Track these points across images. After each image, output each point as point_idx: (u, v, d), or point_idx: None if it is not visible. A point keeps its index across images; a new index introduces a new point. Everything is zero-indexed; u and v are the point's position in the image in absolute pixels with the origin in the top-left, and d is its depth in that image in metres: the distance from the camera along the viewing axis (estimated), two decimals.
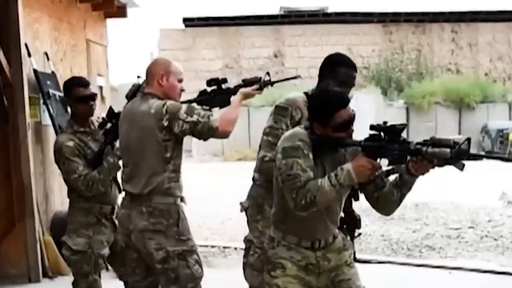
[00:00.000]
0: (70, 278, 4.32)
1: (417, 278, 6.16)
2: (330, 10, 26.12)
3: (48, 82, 6.45)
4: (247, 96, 3.84)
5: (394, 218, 8.81)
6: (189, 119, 3.53)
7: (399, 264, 6.70)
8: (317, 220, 3.06)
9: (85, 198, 4.11)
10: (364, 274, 3.40)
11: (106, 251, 4.20)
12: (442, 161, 2.80)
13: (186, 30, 25.32)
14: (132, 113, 3.73)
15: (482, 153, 10.67)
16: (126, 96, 3.96)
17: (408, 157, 2.89)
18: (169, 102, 3.61)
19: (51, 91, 6.39)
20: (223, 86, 3.95)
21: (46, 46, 6.73)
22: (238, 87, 3.89)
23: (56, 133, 6.25)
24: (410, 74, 24.13)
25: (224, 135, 3.59)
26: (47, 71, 6.60)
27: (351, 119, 3.00)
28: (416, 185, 3.02)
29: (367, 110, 18.95)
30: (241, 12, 26.41)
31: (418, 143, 2.85)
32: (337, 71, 3.50)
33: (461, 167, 2.77)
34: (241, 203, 3.85)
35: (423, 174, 2.90)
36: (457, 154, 2.76)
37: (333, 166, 2.98)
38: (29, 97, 5.98)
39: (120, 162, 4.06)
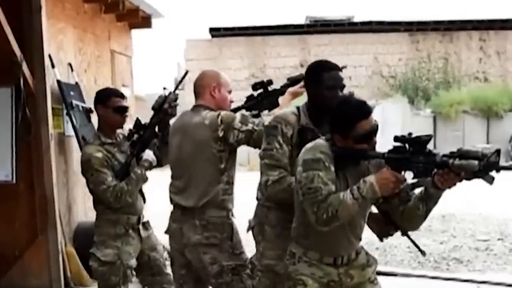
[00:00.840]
0: None
1: None
2: (356, 19, 26.00)
3: (72, 93, 6.47)
4: (295, 95, 3.78)
5: (421, 229, 8.53)
6: (244, 128, 3.52)
7: (426, 277, 6.56)
8: (340, 235, 2.97)
9: (112, 209, 4.10)
10: (390, 287, 3.31)
11: (133, 262, 4.19)
12: (470, 174, 2.68)
13: (212, 40, 25.36)
14: (184, 125, 3.73)
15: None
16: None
17: (434, 170, 2.78)
18: (223, 113, 3.60)
19: (75, 102, 6.40)
20: (269, 88, 3.90)
21: (70, 57, 6.74)
22: (284, 87, 3.85)
23: (79, 143, 6.25)
24: (437, 83, 23.85)
25: None
26: (70, 82, 6.61)
27: (373, 130, 2.90)
28: (443, 196, 2.92)
29: (394, 119, 18.79)
30: (267, 21, 26.41)
31: (444, 155, 2.74)
32: (323, 77, 3.30)
33: (490, 181, 2.65)
34: (249, 221, 3.69)
35: (449, 187, 2.78)
36: (485, 167, 2.63)
37: (356, 179, 2.88)
38: (52, 108, 5.97)
39: (148, 174, 4.08)
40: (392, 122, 18.32)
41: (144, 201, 4.33)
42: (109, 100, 4.17)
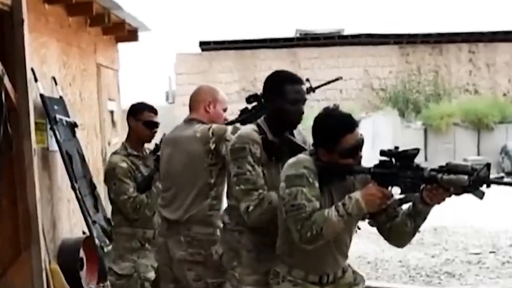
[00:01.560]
0: None
1: None
2: (346, 32, 26.01)
3: (56, 107, 6.36)
4: None
5: (412, 242, 8.48)
6: None
7: None
8: (325, 252, 2.86)
9: (129, 222, 4.15)
10: None
11: (152, 274, 4.19)
12: (460, 189, 2.58)
13: (202, 54, 25.32)
14: (175, 138, 3.69)
15: (504, 177, 10.42)
16: None
17: (423, 185, 2.67)
18: (214, 125, 3.56)
19: (59, 116, 6.29)
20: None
21: (54, 71, 6.64)
22: None
23: (64, 158, 6.15)
24: (427, 95, 23.86)
25: None
26: (55, 96, 6.51)
27: (359, 144, 2.80)
28: (434, 209, 2.82)
29: (385, 132, 18.76)
30: (257, 35, 26.36)
31: (432, 170, 2.64)
32: (286, 90, 3.14)
33: (481, 196, 2.55)
34: (215, 251, 3.46)
35: (438, 203, 2.68)
36: (475, 182, 2.53)
37: (341, 195, 2.78)
38: (36, 123, 5.85)
39: None
40: (382, 134, 18.29)
41: None
42: (141, 114, 4.27)
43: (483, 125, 21.13)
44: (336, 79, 3.96)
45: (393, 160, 2.73)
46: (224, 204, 3.55)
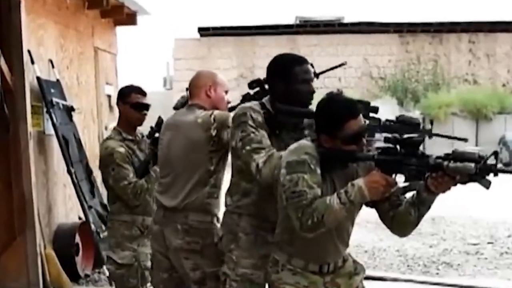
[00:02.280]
0: None
1: None
2: (345, 20, 25.90)
3: (52, 90, 6.28)
4: None
5: None
6: None
7: (416, 282, 6.41)
8: (326, 241, 2.79)
9: (128, 209, 4.05)
10: None
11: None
12: (466, 177, 2.50)
13: (201, 40, 25.20)
14: (176, 123, 3.60)
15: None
16: (175, 108, 3.83)
17: (428, 173, 2.59)
18: (216, 111, 3.47)
19: (55, 99, 6.21)
20: (266, 86, 3.76)
21: (51, 53, 6.56)
22: None
23: (60, 142, 6.07)
24: (426, 85, 23.79)
25: None
26: (51, 79, 6.43)
27: (362, 130, 2.72)
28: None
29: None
30: (256, 21, 26.25)
31: (438, 157, 2.55)
32: (295, 72, 3.08)
33: (487, 185, 2.47)
34: (215, 232, 3.44)
35: (443, 192, 2.59)
36: (482, 170, 2.46)
37: (344, 182, 2.70)
38: (32, 106, 5.78)
39: None
40: None
41: None
42: (129, 97, 4.15)
43: (482, 115, 21.10)
44: (341, 65, 3.88)
45: (398, 147, 2.66)
46: (224, 192, 3.49)
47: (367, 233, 8.50)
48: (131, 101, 4.12)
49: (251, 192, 3.17)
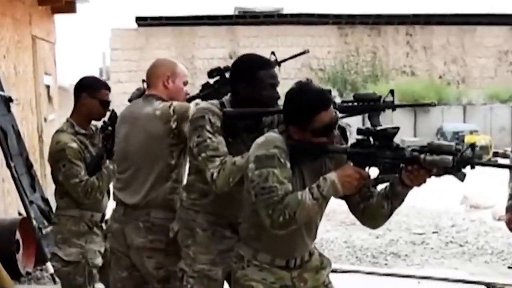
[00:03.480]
0: None
1: None
2: (285, 11, 25.92)
3: None
4: None
5: (356, 223, 8.49)
6: None
7: (366, 273, 6.39)
8: (294, 235, 2.67)
9: (77, 204, 3.84)
10: None
11: (99, 260, 3.91)
12: (442, 170, 2.43)
13: (138, 30, 24.77)
14: (133, 116, 3.41)
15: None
16: (130, 101, 3.64)
17: (402, 166, 2.51)
18: (175, 103, 3.31)
19: None
20: (227, 75, 3.52)
21: None
22: None
23: None
24: (365, 77, 24.08)
25: None
26: None
27: (333, 122, 2.60)
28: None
29: None
30: (195, 12, 25.97)
31: (414, 150, 2.47)
32: (260, 76, 2.95)
33: (462, 178, 2.41)
34: (171, 227, 3.28)
35: (418, 185, 2.51)
36: (459, 162, 2.39)
37: (313, 175, 2.60)
38: None
39: None
40: None
41: (109, 198, 4.04)
42: (99, 92, 3.92)
43: (420, 107, 21.46)
44: (303, 53, 3.79)
45: (371, 139, 2.56)
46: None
47: None
48: (101, 97, 3.91)
49: (209, 193, 3.06)
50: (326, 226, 8.44)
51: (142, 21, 24.78)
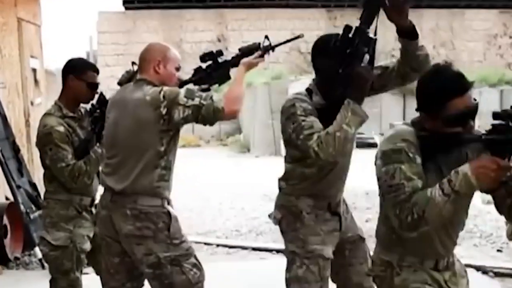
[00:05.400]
0: None
1: None
2: None
3: None
4: (250, 66, 3.44)
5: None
6: (190, 103, 3.16)
7: None
8: (440, 231, 2.47)
9: (65, 189, 3.82)
10: None
11: (88, 245, 3.89)
12: None
13: (126, 13, 24.57)
14: (123, 100, 3.36)
15: None
16: (119, 83, 3.60)
17: None
18: (166, 88, 3.25)
19: None
20: (219, 59, 3.55)
21: None
22: (236, 58, 3.50)
23: None
24: None
25: (232, 115, 3.23)
26: None
27: (470, 111, 2.36)
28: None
29: None
30: None
31: None
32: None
33: None
34: (273, 216, 3.39)
35: None
36: None
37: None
38: None
39: None
40: None
41: (99, 182, 3.98)
42: (85, 74, 3.88)
43: (409, 91, 21.34)
44: (298, 37, 3.77)
45: (510, 123, 2.25)
46: (175, 175, 3.38)
47: None
48: (88, 79, 3.87)
49: (309, 176, 3.21)
50: None
51: (129, 4, 24.56)
